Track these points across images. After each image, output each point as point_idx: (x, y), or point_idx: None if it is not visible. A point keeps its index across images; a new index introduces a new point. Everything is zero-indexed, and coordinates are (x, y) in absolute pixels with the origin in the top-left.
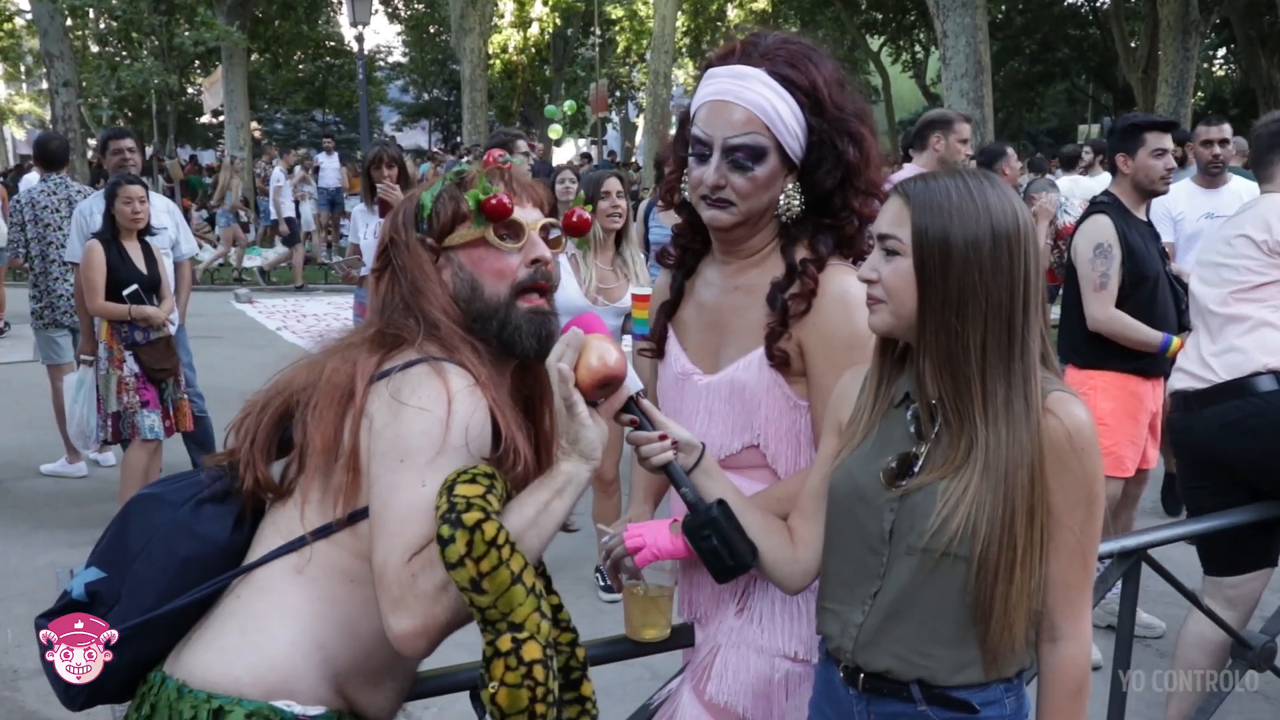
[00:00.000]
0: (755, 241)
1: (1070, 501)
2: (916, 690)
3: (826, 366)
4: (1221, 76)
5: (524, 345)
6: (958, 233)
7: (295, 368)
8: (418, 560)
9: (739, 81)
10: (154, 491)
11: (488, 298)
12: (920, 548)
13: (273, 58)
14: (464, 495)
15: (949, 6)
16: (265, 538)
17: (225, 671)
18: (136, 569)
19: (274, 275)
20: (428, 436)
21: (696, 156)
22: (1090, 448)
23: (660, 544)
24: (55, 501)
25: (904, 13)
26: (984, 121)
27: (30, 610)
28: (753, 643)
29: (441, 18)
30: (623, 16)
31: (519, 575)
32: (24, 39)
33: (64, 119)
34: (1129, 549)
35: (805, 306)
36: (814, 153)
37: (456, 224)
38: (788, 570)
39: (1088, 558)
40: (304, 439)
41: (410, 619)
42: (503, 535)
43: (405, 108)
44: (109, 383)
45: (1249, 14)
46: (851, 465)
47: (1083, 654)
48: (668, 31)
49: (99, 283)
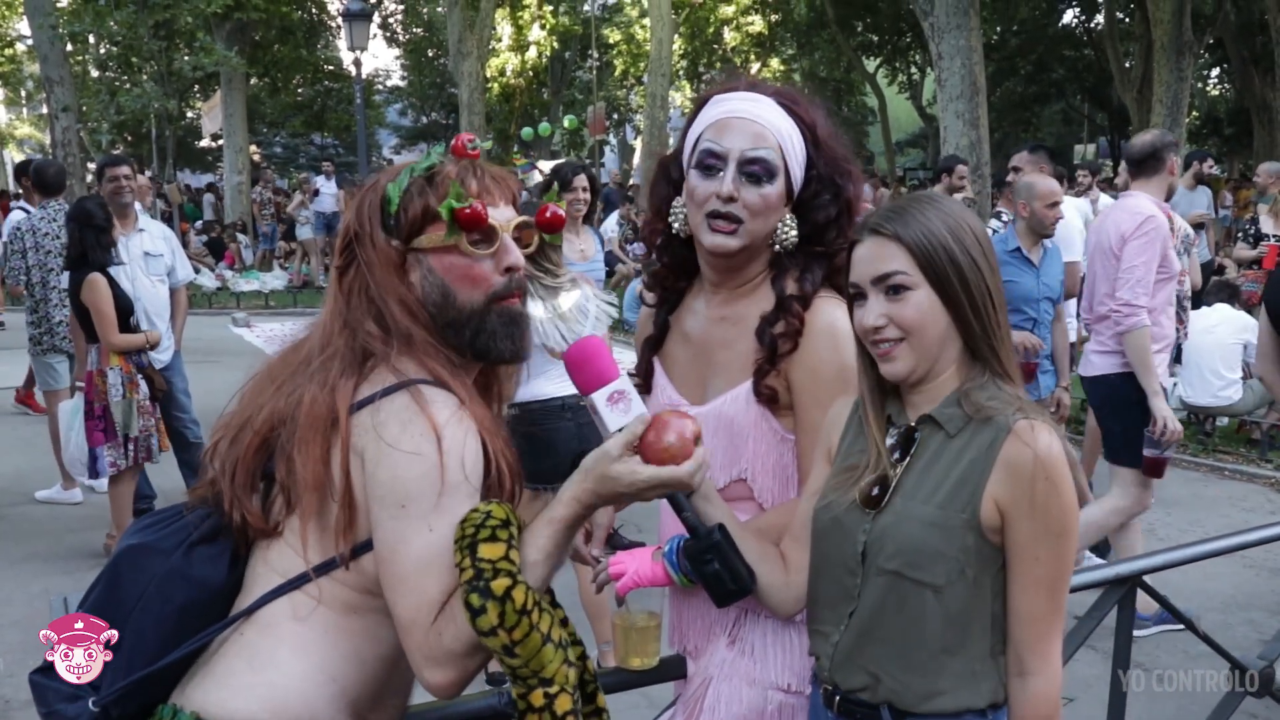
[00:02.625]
0: (750, 270)
1: (1036, 533)
2: (887, 714)
3: (813, 402)
4: (1216, 96)
5: (499, 350)
6: (955, 243)
7: (261, 381)
8: (444, 618)
9: (752, 103)
10: (143, 541)
11: (460, 305)
12: (889, 570)
13: (271, 82)
14: (488, 560)
15: (944, 28)
16: (260, 575)
17: (243, 705)
18: (136, 619)
19: (272, 299)
20: (427, 479)
21: (703, 171)
22: (1060, 479)
23: (642, 572)
24: (49, 528)
25: (899, 34)
26: (980, 142)
27: (23, 638)
28: (745, 674)
29: (439, 42)
30: (620, 40)
31: (548, 635)
32: (24, 64)
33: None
34: (1123, 575)
35: (792, 346)
36: (811, 187)
37: (426, 224)
38: (781, 596)
39: (1055, 592)
40: (289, 476)
41: (444, 674)
42: (531, 599)
43: (404, 131)
44: (130, 408)
45: (1242, 34)
46: (834, 489)
47: (1051, 689)
48: (665, 55)
49: (111, 314)
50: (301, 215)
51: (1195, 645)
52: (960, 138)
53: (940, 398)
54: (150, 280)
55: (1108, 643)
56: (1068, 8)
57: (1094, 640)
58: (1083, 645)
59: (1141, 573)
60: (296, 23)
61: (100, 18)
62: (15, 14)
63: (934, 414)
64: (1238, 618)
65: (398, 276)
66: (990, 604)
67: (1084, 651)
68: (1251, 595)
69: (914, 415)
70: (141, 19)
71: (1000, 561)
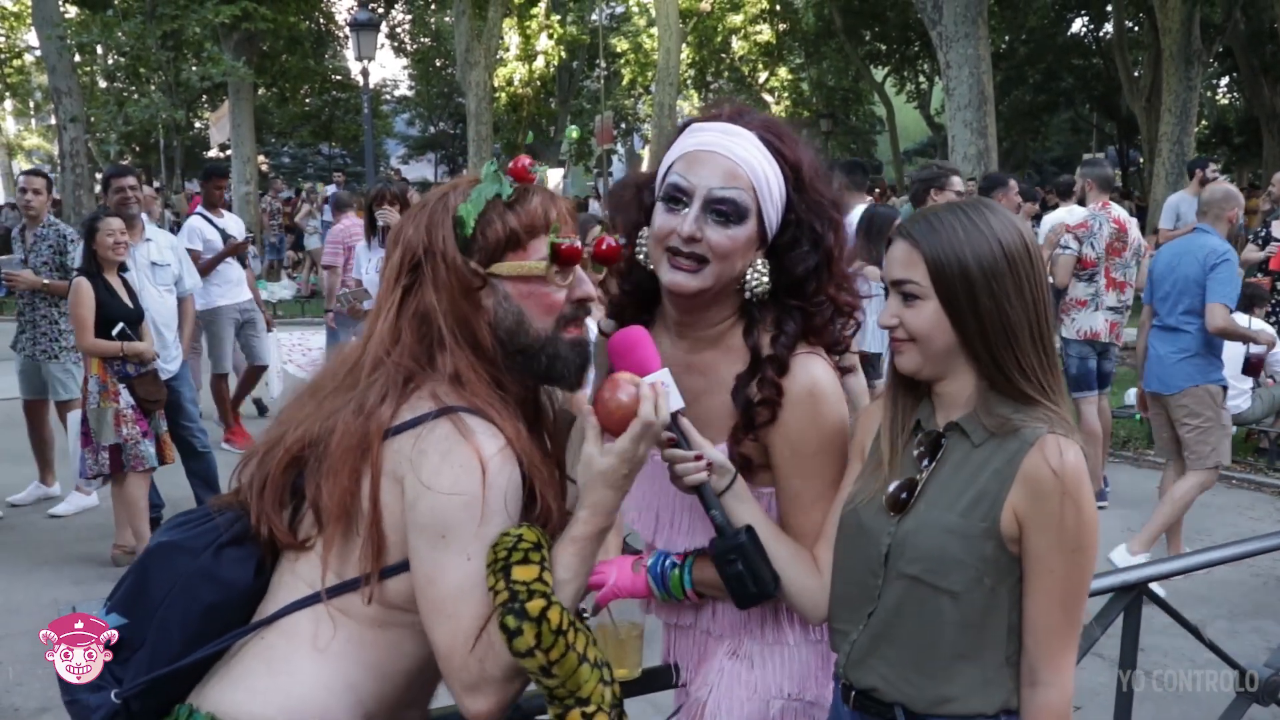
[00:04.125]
0: (712, 315)
1: (1051, 545)
2: (900, 714)
3: (792, 471)
4: (1225, 105)
5: (569, 378)
6: (974, 264)
7: (297, 405)
8: (481, 646)
9: (729, 137)
10: (173, 539)
11: (535, 333)
12: (910, 574)
13: (279, 92)
14: (523, 581)
15: (952, 37)
16: (286, 583)
17: (259, 709)
18: (161, 616)
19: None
20: (468, 511)
21: (668, 203)
22: (1078, 493)
23: (621, 583)
24: (59, 539)
25: (908, 44)
26: (988, 151)
27: (32, 648)
28: (745, 684)
29: (447, 51)
30: (628, 49)
31: (584, 654)
32: (33, 75)
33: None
34: (1130, 583)
35: (770, 416)
36: (788, 232)
37: (508, 250)
38: (814, 600)
39: (1069, 605)
40: (318, 497)
41: (487, 701)
42: (566, 619)
43: (411, 141)
44: (104, 416)
45: (1251, 43)
46: (861, 490)
47: (1062, 702)
48: (672, 64)
49: (88, 319)
50: (310, 225)
51: (1201, 653)
52: (968, 146)
53: (962, 403)
54: (158, 290)
55: (1115, 650)
56: (1076, 17)
57: (1101, 648)
58: (1089, 653)
59: (1148, 580)
60: (304, 33)
61: (108, 28)
62: (24, 25)
63: (960, 422)
64: (1245, 625)
65: (470, 301)
66: (1008, 613)
67: (1090, 659)
68: (1259, 604)
69: (942, 420)
70: (149, 30)
71: (1019, 572)
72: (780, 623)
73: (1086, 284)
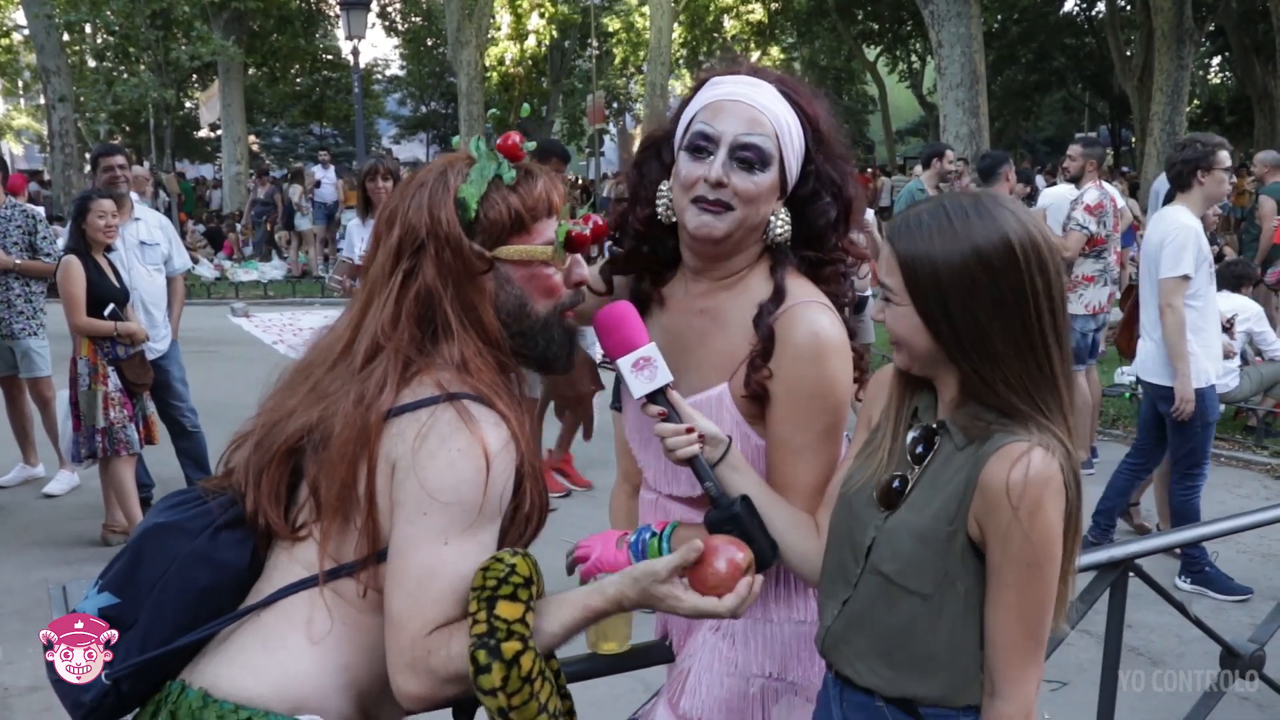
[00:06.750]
0: (735, 262)
1: (1010, 558)
2: (878, 697)
3: (785, 414)
4: (1217, 84)
5: (562, 361)
6: (945, 273)
7: (288, 390)
8: (437, 637)
9: (751, 87)
10: (169, 520)
11: (535, 316)
12: (883, 573)
13: (270, 72)
14: (505, 619)
15: (944, 16)
16: (282, 565)
17: (252, 685)
18: (156, 597)
19: (271, 289)
20: (456, 495)
21: (693, 153)
22: (1033, 508)
23: (604, 558)
24: (49, 518)
25: (900, 23)
26: (980, 131)
27: (23, 628)
28: (727, 660)
29: (438, 31)
30: (619, 29)
31: (544, 704)
32: (21, 54)
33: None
34: (1116, 559)
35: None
36: (809, 184)
37: (511, 234)
38: (813, 565)
39: (1027, 620)
40: (317, 485)
41: (418, 687)
42: (536, 667)
43: (403, 120)
44: (94, 399)
45: (1243, 22)
46: (859, 472)
47: (1018, 715)
48: (664, 43)
49: (80, 298)
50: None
51: (1188, 629)
52: (960, 126)
53: (950, 402)
54: (146, 269)
55: (1101, 626)
56: None
57: (1087, 624)
58: (1075, 628)
59: (1135, 556)
60: (294, 12)
61: (97, 7)
62: (12, 4)
63: (947, 422)
64: (1231, 602)
65: (474, 283)
66: (980, 618)
67: (1077, 635)
68: (1246, 580)
69: (939, 414)
70: (138, 8)
71: None
72: (766, 601)
73: (1095, 260)
